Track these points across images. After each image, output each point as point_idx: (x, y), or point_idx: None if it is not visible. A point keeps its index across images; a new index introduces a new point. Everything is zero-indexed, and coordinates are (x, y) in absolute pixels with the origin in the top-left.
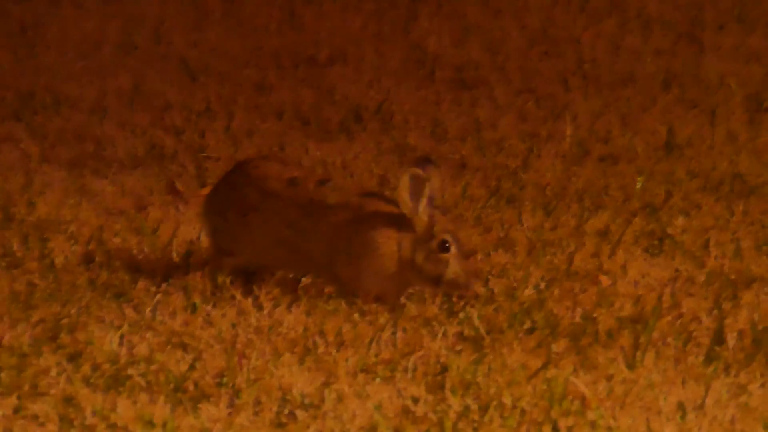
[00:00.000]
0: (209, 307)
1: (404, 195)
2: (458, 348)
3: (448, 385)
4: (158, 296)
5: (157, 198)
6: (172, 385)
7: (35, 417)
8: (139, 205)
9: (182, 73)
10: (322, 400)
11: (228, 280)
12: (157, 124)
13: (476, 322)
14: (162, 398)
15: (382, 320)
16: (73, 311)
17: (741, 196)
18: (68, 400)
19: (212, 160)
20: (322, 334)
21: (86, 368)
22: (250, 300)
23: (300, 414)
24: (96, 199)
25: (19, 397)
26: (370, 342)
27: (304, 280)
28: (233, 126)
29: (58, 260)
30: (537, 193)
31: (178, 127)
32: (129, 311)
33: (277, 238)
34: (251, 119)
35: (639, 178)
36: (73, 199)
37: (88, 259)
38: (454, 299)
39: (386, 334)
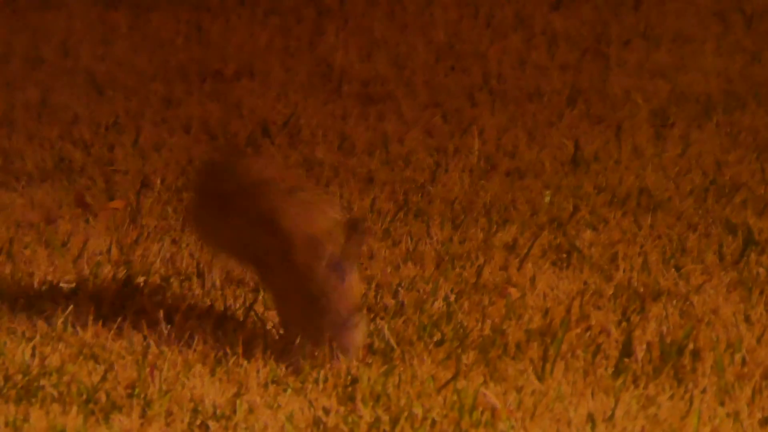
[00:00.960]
0: (120, 319)
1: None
2: (368, 360)
3: (358, 396)
4: (69, 308)
5: (66, 211)
6: (84, 396)
7: None
8: (49, 217)
9: (90, 86)
10: (234, 411)
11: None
12: (66, 137)
13: (386, 333)
14: (74, 409)
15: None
16: None
17: (648, 211)
18: None
19: (120, 174)
20: (232, 345)
21: None
22: (161, 312)
23: (212, 424)
24: (5, 212)
25: None
26: (281, 353)
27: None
28: (141, 140)
29: None
30: (445, 207)
31: (86, 140)
32: (40, 323)
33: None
34: (159, 133)
35: (546, 193)
36: None
37: None
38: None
39: (296, 346)
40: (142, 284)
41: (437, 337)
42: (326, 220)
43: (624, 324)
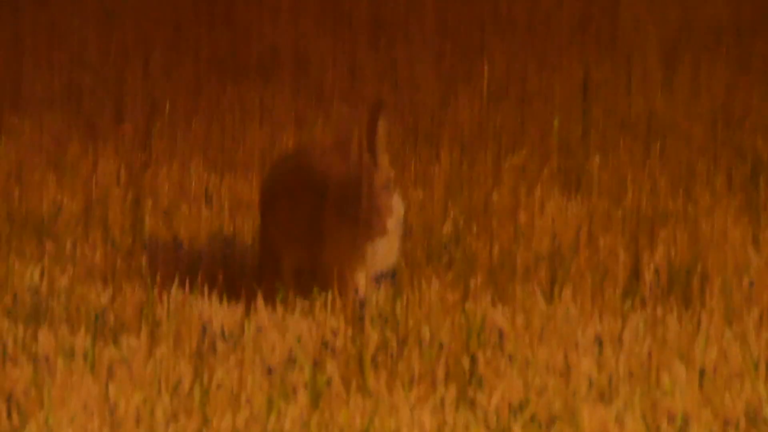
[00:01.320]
0: (129, 241)
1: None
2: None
3: (367, 318)
4: (79, 230)
5: (76, 135)
6: (92, 317)
7: None
8: (58, 141)
9: (99, 12)
10: (242, 332)
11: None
12: (75, 62)
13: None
14: (83, 329)
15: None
16: None
17: (657, 136)
18: None
19: (130, 98)
20: (241, 267)
21: (7, 300)
22: (169, 235)
23: (220, 345)
24: (15, 136)
25: None
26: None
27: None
28: (150, 65)
29: None
30: (455, 133)
31: (96, 65)
32: (49, 245)
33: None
34: (168, 59)
35: (556, 118)
36: None
37: (7, 194)
38: None
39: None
40: (151, 207)
41: (446, 259)
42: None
43: (632, 247)
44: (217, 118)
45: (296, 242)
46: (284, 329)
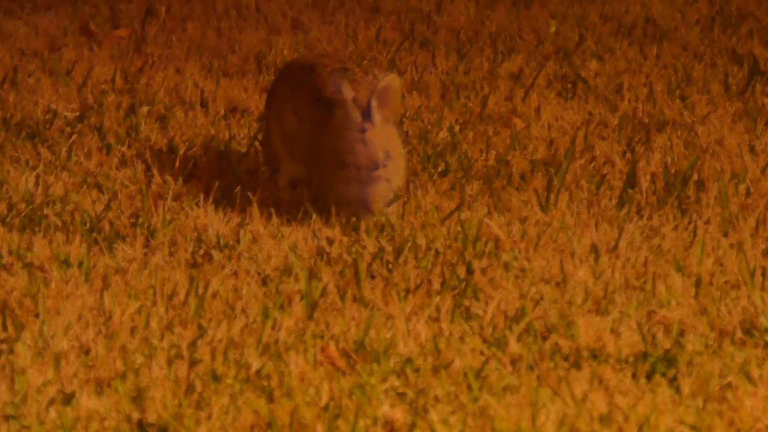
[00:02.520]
0: (124, 148)
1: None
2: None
3: (362, 227)
4: (73, 137)
5: (70, 39)
6: (87, 225)
7: None
8: (53, 46)
9: None
10: (237, 241)
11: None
12: None
13: None
14: (78, 238)
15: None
16: None
17: (653, 40)
18: None
19: (125, 2)
20: (236, 176)
21: (1, 207)
22: (165, 141)
23: (215, 254)
24: (9, 40)
25: None
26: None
27: None
28: None
29: None
30: (450, 37)
31: None
32: (44, 151)
33: (297, 130)
34: None
35: (552, 22)
36: None
37: (1, 99)
38: None
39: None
40: (146, 113)
41: (441, 167)
42: (360, 90)
43: (628, 155)
44: (212, 23)
45: (294, 154)
46: (280, 238)
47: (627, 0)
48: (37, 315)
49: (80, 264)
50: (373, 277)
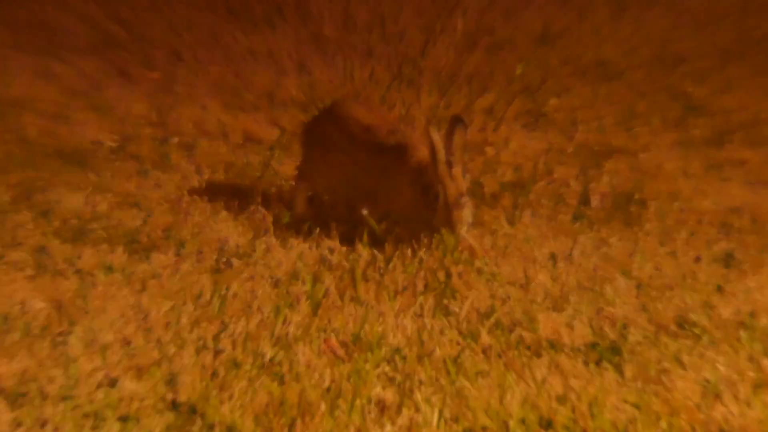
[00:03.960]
0: (158, 173)
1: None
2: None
3: (358, 239)
4: (115, 163)
5: (111, 80)
6: (127, 238)
7: (15, 264)
8: (97, 86)
9: None
10: (254, 250)
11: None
12: (110, 17)
13: None
14: (120, 248)
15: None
16: (44, 175)
17: (604, 80)
18: (42, 250)
19: (158, 49)
20: (252, 195)
21: (56, 223)
22: (192, 166)
23: (235, 261)
24: (59, 81)
25: (1, 247)
26: (294, 200)
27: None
28: (175, 19)
29: (30, 133)
30: (433, 78)
31: (128, 19)
32: (91, 176)
33: (348, 176)
34: (190, 13)
35: (519, 65)
36: (40, 80)
37: (54, 132)
38: None
39: (305, 196)
40: (176, 143)
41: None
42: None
43: (582, 177)
44: (231, 66)
45: (321, 177)
46: (289, 248)
47: (582, 46)
48: (86, 312)
49: (122, 269)
50: (367, 280)
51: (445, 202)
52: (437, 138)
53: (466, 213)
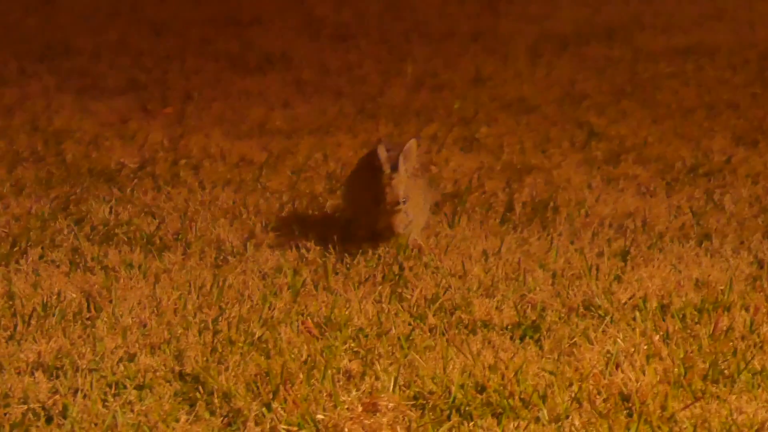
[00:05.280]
0: (169, 188)
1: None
2: (337, 214)
3: (329, 239)
4: (135, 181)
5: (134, 114)
6: (144, 240)
7: (53, 261)
8: (123, 119)
9: (151, 31)
10: (246, 249)
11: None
12: (135, 65)
13: None
14: (138, 249)
15: (284, 198)
16: (78, 190)
17: (525, 113)
18: (75, 250)
19: (171, 89)
20: (245, 206)
21: (87, 229)
22: (197, 182)
23: (231, 259)
24: (95, 116)
25: (42, 248)
26: (278, 210)
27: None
28: (186, 66)
29: (69, 157)
30: (389, 112)
31: (149, 67)
32: (115, 191)
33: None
34: (197, 62)
35: (456, 101)
36: (78, 115)
37: (88, 156)
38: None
39: (288, 206)
40: (184, 164)
41: None
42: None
43: (507, 189)
44: (229, 102)
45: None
46: (274, 246)
47: (507, 86)
48: (110, 301)
49: (140, 266)
50: (337, 273)
51: (384, 207)
52: (383, 153)
53: (401, 218)
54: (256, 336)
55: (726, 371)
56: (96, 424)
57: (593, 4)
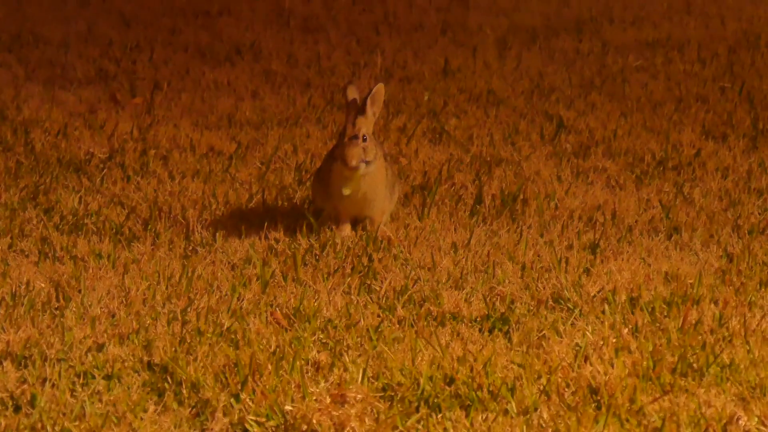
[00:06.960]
0: (138, 178)
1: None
2: (306, 205)
3: (298, 230)
4: (104, 171)
5: (103, 105)
6: (113, 230)
7: (22, 251)
8: (92, 109)
9: (120, 21)
10: (215, 240)
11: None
12: (104, 55)
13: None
14: (107, 239)
15: (253, 189)
16: (47, 180)
17: (493, 105)
18: (44, 240)
19: (140, 80)
20: (214, 196)
21: (56, 218)
22: (166, 173)
23: (200, 249)
24: (63, 106)
25: (11, 238)
26: (247, 201)
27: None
28: (154, 57)
29: (37, 146)
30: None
31: (118, 57)
32: (85, 181)
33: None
34: (166, 52)
35: (426, 93)
36: (47, 105)
37: (57, 145)
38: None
39: (257, 197)
40: (153, 155)
41: None
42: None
43: (477, 182)
44: (198, 93)
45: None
46: (243, 237)
47: (475, 78)
48: (79, 291)
49: (108, 256)
50: (305, 264)
51: (341, 140)
52: (352, 93)
53: (356, 150)
54: (225, 327)
55: (695, 365)
56: (64, 414)
57: None
